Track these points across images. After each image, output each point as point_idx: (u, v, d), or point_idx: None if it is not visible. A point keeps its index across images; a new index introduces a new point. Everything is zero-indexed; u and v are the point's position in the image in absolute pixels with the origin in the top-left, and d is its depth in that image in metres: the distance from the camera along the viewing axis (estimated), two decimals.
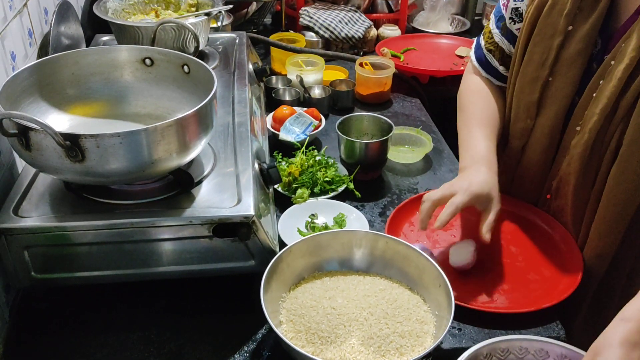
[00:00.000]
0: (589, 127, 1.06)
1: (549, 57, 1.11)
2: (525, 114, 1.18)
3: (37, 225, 0.92)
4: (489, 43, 1.28)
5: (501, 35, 1.24)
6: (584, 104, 1.08)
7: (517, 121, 1.21)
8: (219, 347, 0.97)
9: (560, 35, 1.08)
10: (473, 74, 1.34)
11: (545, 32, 1.11)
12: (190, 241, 0.97)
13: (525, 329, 1.02)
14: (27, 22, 1.23)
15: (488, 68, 1.29)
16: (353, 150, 1.37)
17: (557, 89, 1.12)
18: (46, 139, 0.84)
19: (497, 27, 1.25)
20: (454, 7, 2.53)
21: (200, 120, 0.95)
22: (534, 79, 1.14)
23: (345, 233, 1.07)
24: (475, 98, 1.29)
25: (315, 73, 1.75)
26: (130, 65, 1.15)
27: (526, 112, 1.18)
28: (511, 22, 1.21)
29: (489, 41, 1.28)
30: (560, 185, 1.17)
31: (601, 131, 1.05)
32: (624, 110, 1.01)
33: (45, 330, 0.99)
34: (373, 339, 0.91)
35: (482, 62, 1.31)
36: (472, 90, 1.31)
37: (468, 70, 1.36)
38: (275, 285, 0.98)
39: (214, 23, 1.81)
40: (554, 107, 1.13)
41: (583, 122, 1.08)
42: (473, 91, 1.30)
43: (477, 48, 1.33)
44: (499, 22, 1.25)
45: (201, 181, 1.03)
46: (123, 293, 1.05)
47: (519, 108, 1.20)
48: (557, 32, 1.09)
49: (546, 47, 1.11)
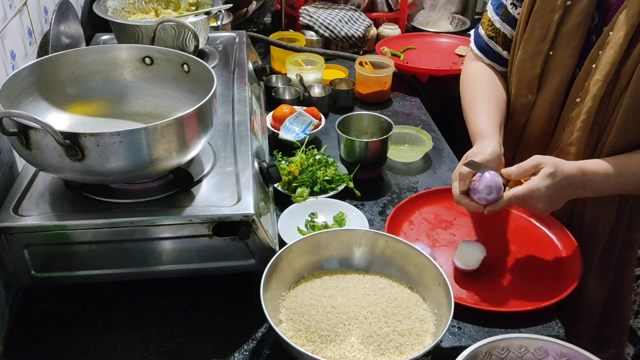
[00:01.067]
0: (592, 95, 1.09)
1: (549, 32, 1.15)
2: (527, 89, 1.22)
3: (37, 224, 0.92)
4: (490, 30, 1.31)
5: (502, 22, 1.28)
6: (583, 75, 1.12)
7: (518, 97, 1.25)
8: (219, 346, 0.97)
9: (560, 10, 1.13)
10: (474, 60, 1.37)
11: (545, 8, 1.15)
12: (190, 240, 0.97)
13: (525, 327, 1.02)
14: (27, 21, 1.23)
15: (491, 55, 1.33)
16: (353, 149, 1.37)
17: (557, 62, 1.15)
18: (46, 138, 0.84)
19: (497, 14, 1.29)
20: (454, 6, 2.53)
21: (200, 119, 0.95)
22: (535, 53, 1.18)
23: (345, 232, 1.07)
24: (478, 79, 1.32)
25: (315, 72, 1.75)
26: (130, 64, 1.15)
27: (527, 87, 1.21)
28: (513, 7, 1.25)
29: (490, 29, 1.31)
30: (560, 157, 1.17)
31: (604, 98, 1.08)
32: (626, 76, 1.05)
33: (45, 329, 0.99)
34: (373, 338, 0.91)
35: (484, 49, 1.34)
36: (477, 73, 1.34)
37: (468, 59, 1.39)
38: (275, 284, 0.98)
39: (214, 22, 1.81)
40: (555, 80, 1.16)
41: (584, 92, 1.12)
42: (478, 74, 1.33)
43: (477, 37, 1.36)
44: (498, 9, 1.29)
45: (201, 180, 1.03)
46: (123, 292, 1.05)
47: (520, 84, 1.23)
48: (556, 7, 1.13)
49: (546, 22, 1.15)
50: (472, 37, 1.39)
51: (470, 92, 1.30)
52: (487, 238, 1.21)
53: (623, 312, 1.30)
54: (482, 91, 1.28)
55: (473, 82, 1.32)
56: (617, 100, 1.07)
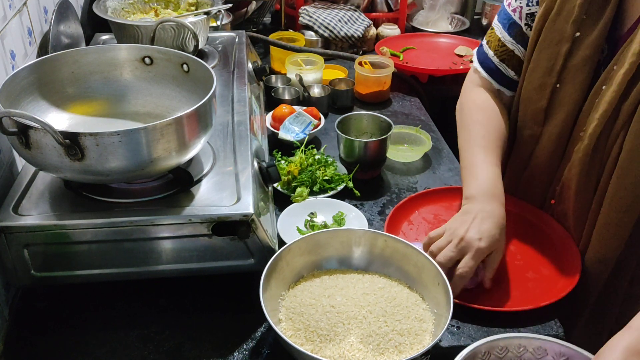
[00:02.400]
0: (589, 133, 1.05)
1: (557, 64, 1.09)
2: (533, 121, 1.17)
3: (37, 223, 0.92)
4: (501, 52, 1.22)
5: (515, 43, 1.20)
6: (587, 109, 1.08)
7: (524, 128, 1.19)
8: (219, 345, 0.97)
9: (568, 42, 1.07)
10: (478, 86, 1.28)
11: (552, 39, 1.09)
12: (190, 239, 0.97)
13: (524, 327, 1.02)
14: (26, 21, 1.23)
15: (501, 79, 1.24)
16: (352, 149, 1.37)
17: (565, 96, 1.10)
18: (46, 138, 0.84)
19: (510, 34, 1.20)
20: (454, 6, 2.54)
21: (200, 119, 0.95)
22: (541, 85, 1.13)
23: (344, 231, 1.07)
24: (481, 116, 1.22)
25: (315, 72, 1.75)
26: (130, 64, 1.15)
27: (533, 120, 1.16)
28: (527, 29, 1.17)
29: (500, 50, 1.22)
30: (563, 190, 1.16)
31: (601, 137, 1.04)
32: (625, 115, 1.01)
33: (45, 329, 0.99)
34: (372, 337, 0.91)
35: (493, 73, 1.24)
36: (477, 107, 1.24)
37: (471, 82, 1.30)
38: (275, 284, 0.98)
39: (214, 22, 1.81)
40: (562, 114, 1.11)
41: (585, 128, 1.08)
42: (478, 108, 1.24)
43: (485, 58, 1.26)
44: (510, 29, 1.19)
45: (200, 180, 1.03)
46: (122, 291, 1.05)
47: (526, 115, 1.18)
48: (564, 39, 1.08)
49: (553, 53, 1.10)
50: (476, 57, 1.28)
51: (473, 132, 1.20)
52: None
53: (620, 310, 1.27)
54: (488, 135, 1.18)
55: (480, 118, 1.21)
56: (615, 139, 1.03)
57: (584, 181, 1.09)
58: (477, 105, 1.24)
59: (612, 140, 1.04)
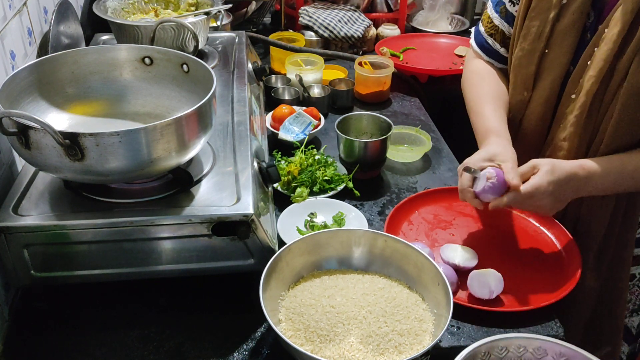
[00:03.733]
0: (585, 90, 1.11)
1: (545, 30, 1.17)
2: (523, 87, 1.24)
3: (37, 223, 0.92)
4: (489, 28, 1.33)
5: (501, 19, 1.30)
6: (579, 72, 1.14)
7: (515, 94, 1.27)
8: (218, 345, 0.97)
9: (555, 9, 1.15)
10: (475, 58, 1.39)
11: (541, 7, 1.17)
12: (190, 240, 0.97)
13: (524, 327, 1.02)
14: (26, 21, 1.23)
15: (489, 52, 1.35)
16: (352, 149, 1.37)
17: (552, 59, 1.17)
18: (46, 138, 0.84)
19: (496, 11, 1.31)
20: (453, 7, 2.53)
21: (200, 119, 0.95)
22: (531, 51, 1.20)
23: (344, 232, 1.07)
24: (481, 77, 1.34)
25: (315, 72, 1.75)
26: (130, 64, 1.15)
27: (523, 85, 1.23)
28: (511, 5, 1.27)
29: (489, 26, 1.33)
30: (552, 154, 1.21)
31: (598, 93, 1.10)
32: (621, 72, 1.06)
33: (44, 329, 0.99)
34: (372, 337, 0.91)
35: (483, 46, 1.36)
36: (477, 72, 1.36)
37: (469, 57, 1.41)
38: (275, 284, 0.98)
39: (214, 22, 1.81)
40: (549, 78, 1.18)
41: (578, 88, 1.13)
42: (478, 72, 1.36)
43: (477, 34, 1.38)
44: (497, 6, 1.31)
45: (200, 180, 1.03)
46: (122, 291, 1.05)
47: (516, 81, 1.25)
48: (552, 6, 1.15)
49: (542, 20, 1.17)
50: (472, 34, 1.40)
51: (475, 91, 1.31)
52: (486, 238, 1.21)
53: (617, 311, 1.30)
54: (488, 89, 1.30)
55: (478, 80, 1.33)
56: (612, 97, 1.09)
57: (578, 141, 1.15)
58: (479, 69, 1.36)
59: (608, 98, 1.09)
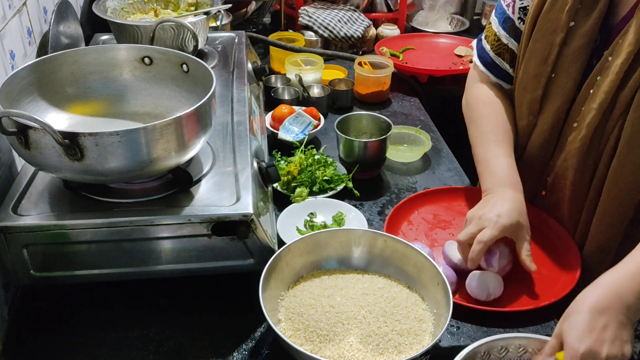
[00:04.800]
0: (586, 123, 1.06)
1: (552, 53, 1.11)
2: (528, 111, 1.18)
3: (36, 223, 0.92)
4: (497, 46, 1.24)
5: (509, 37, 1.22)
6: (581, 100, 1.09)
7: (520, 119, 1.21)
8: (218, 345, 0.97)
9: (562, 32, 1.08)
10: (479, 82, 1.30)
11: (547, 29, 1.11)
12: (189, 239, 0.97)
13: (524, 327, 1.02)
14: (26, 21, 1.23)
15: (497, 72, 1.26)
16: (352, 149, 1.37)
17: (559, 85, 1.12)
18: (45, 138, 0.84)
19: (504, 28, 1.22)
20: (453, 7, 2.54)
21: (199, 118, 0.95)
22: (537, 75, 1.14)
23: (343, 231, 1.07)
24: (487, 110, 1.24)
25: (314, 72, 1.75)
26: (129, 64, 1.15)
27: (529, 110, 1.18)
28: (520, 22, 1.19)
29: (496, 44, 1.24)
30: (556, 181, 1.17)
31: (599, 127, 1.05)
32: (622, 105, 1.02)
33: (44, 329, 0.99)
34: (371, 337, 0.91)
35: (490, 66, 1.27)
36: (482, 102, 1.26)
37: (473, 78, 1.32)
38: (274, 284, 0.98)
39: (213, 22, 1.81)
40: (556, 104, 1.13)
41: (580, 118, 1.09)
42: (484, 102, 1.26)
43: (482, 52, 1.28)
44: (504, 23, 1.22)
45: (200, 180, 1.03)
46: (122, 291, 1.05)
47: (521, 106, 1.20)
48: (558, 28, 1.09)
49: (548, 43, 1.11)
50: (475, 52, 1.30)
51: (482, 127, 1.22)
52: None
53: None
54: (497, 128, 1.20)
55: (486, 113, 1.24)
56: (612, 128, 1.04)
57: (581, 171, 1.10)
58: (482, 101, 1.26)
59: (609, 130, 1.05)
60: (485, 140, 1.21)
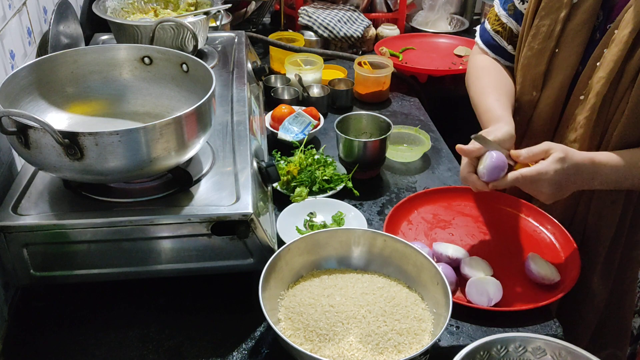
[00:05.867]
0: (595, 92, 1.10)
1: (555, 29, 1.16)
2: (532, 86, 1.23)
3: (36, 223, 0.92)
4: (496, 25, 1.33)
5: (508, 16, 1.29)
6: (587, 72, 1.13)
7: (523, 94, 1.26)
8: (218, 345, 0.97)
9: (566, 8, 1.14)
10: (480, 54, 1.37)
11: (552, 6, 1.16)
12: (189, 239, 0.97)
13: (523, 326, 1.02)
14: (26, 20, 1.23)
15: (496, 49, 1.34)
16: (352, 149, 1.37)
17: (562, 59, 1.17)
18: (45, 137, 0.84)
19: (504, 8, 1.30)
20: (453, 7, 2.54)
21: (199, 118, 0.95)
22: (541, 50, 1.19)
23: (343, 231, 1.07)
24: (487, 71, 1.32)
25: (314, 72, 1.75)
26: (129, 64, 1.15)
27: (532, 85, 1.22)
28: (520, 3, 1.26)
29: (496, 24, 1.33)
30: None
31: (607, 95, 1.09)
32: (630, 75, 1.06)
33: (44, 328, 0.99)
34: (371, 337, 0.91)
35: (489, 44, 1.35)
36: (482, 66, 1.34)
37: (474, 52, 1.40)
38: (274, 283, 0.98)
39: (213, 22, 1.81)
40: (559, 78, 1.18)
41: (587, 89, 1.13)
42: (484, 66, 1.34)
43: (483, 32, 1.37)
44: (505, 4, 1.30)
45: (200, 179, 1.04)
46: (122, 291, 1.05)
47: (525, 81, 1.24)
48: (562, 5, 1.14)
49: (552, 19, 1.16)
50: (478, 32, 1.40)
51: (479, 82, 1.30)
52: (486, 238, 1.21)
53: (623, 313, 1.30)
54: (491, 80, 1.29)
55: (481, 73, 1.32)
56: (621, 97, 1.08)
57: (588, 142, 1.14)
58: (482, 66, 1.35)
59: (618, 98, 1.09)
60: (484, 92, 1.25)
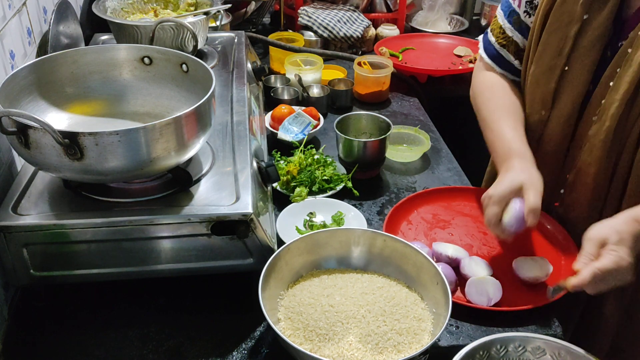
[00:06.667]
0: (610, 114, 1.06)
1: (566, 46, 1.11)
2: (540, 105, 1.18)
3: (36, 223, 0.92)
4: (502, 38, 1.27)
5: (514, 30, 1.23)
6: (600, 92, 1.09)
7: (532, 113, 1.21)
8: (218, 345, 0.97)
9: (577, 23, 1.09)
10: (485, 70, 1.32)
11: (562, 21, 1.11)
12: (189, 239, 0.97)
13: (523, 326, 1.02)
14: (26, 21, 1.23)
15: (503, 63, 1.28)
16: (351, 149, 1.37)
17: (573, 77, 1.12)
18: (45, 137, 0.84)
19: (509, 21, 1.24)
20: (453, 7, 2.54)
21: (199, 118, 0.95)
22: (550, 68, 1.14)
23: (343, 231, 1.07)
24: (494, 91, 1.27)
25: (314, 72, 1.75)
26: (129, 64, 1.15)
27: (541, 103, 1.18)
28: (526, 15, 1.21)
29: (501, 37, 1.27)
30: (577, 178, 1.15)
31: (622, 118, 1.05)
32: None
33: (44, 328, 0.99)
34: (371, 336, 0.91)
35: (495, 58, 1.29)
36: (489, 85, 1.29)
37: (479, 68, 1.35)
38: (274, 283, 0.98)
39: (213, 22, 1.82)
40: (570, 97, 1.13)
41: (601, 110, 1.08)
42: (491, 85, 1.28)
43: (487, 45, 1.31)
44: (509, 17, 1.24)
45: (200, 179, 1.04)
46: (122, 291, 1.05)
47: (533, 100, 1.20)
48: (573, 20, 1.09)
49: (562, 35, 1.11)
50: (481, 45, 1.34)
51: (490, 104, 1.25)
52: (485, 238, 1.21)
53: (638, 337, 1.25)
54: (505, 103, 1.23)
55: (492, 94, 1.26)
56: (636, 117, 1.04)
57: (605, 164, 1.09)
58: (487, 85, 1.29)
59: (632, 120, 1.04)
60: (495, 117, 1.22)
